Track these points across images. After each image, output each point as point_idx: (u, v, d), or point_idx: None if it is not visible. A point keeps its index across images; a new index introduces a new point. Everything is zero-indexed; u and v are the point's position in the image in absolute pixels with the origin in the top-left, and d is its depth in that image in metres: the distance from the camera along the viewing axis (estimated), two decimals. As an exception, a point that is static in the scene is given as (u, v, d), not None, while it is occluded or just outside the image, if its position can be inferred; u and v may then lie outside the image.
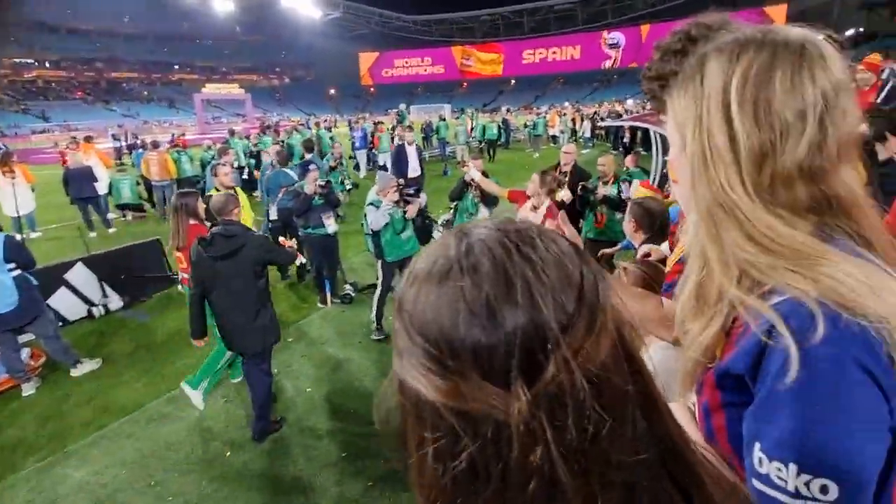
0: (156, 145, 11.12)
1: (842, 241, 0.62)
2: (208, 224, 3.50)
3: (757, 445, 0.58)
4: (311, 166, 6.10)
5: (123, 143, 23.62)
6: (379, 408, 0.45)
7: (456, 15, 63.87)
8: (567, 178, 5.47)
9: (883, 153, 3.16)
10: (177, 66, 77.54)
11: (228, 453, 3.37)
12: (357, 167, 15.56)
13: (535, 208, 4.15)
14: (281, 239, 4.65)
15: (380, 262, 4.83)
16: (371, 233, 4.71)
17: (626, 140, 15.01)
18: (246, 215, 4.90)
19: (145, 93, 69.08)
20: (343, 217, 8.78)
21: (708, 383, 0.69)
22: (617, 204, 4.97)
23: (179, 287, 4.61)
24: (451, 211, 5.47)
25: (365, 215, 4.67)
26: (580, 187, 5.15)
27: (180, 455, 3.38)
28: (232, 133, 14.84)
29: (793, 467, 0.54)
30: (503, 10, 61.21)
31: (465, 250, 0.41)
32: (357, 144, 15.42)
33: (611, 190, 5.10)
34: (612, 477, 0.39)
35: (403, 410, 0.43)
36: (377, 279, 4.88)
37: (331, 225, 5.50)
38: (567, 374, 0.37)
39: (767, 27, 0.66)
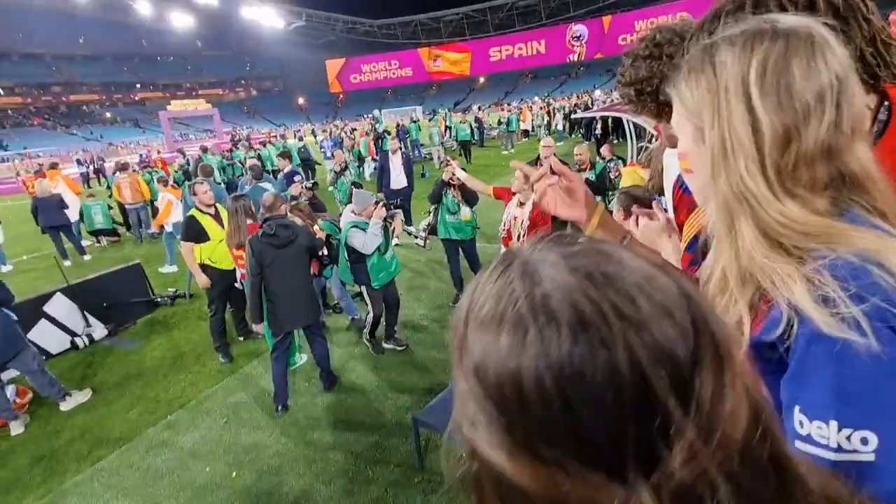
0: (125, 167, 10.86)
1: (855, 214, 0.65)
2: (260, 221, 3.92)
3: (797, 408, 0.61)
4: (297, 177, 6.09)
5: (90, 168, 23.09)
6: (447, 456, 0.39)
7: (420, 16, 63.85)
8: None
9: None
10: (139, 86, 75.75)
11: (234, 474, 3.31)
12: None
13: (521, 203, 4.18)
14: (315, 227, 4.79)
15: (364, 288, 4.48)
16: (350, 259, 4.39)
17: (598, 132, 15.15)
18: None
19: (108, 114, 67.28)
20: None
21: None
22: (597, 188, 5.10)
23: (238, 284, 4.87)
24: (431, 214, 5.44)
25: (343, 242, 4.36)
26: None
27: (185, 480, 3.32)
28: (204, 150, 14.58)
29: (833, 424, 0.56)
30: (467, 10, 61.46)
31: (541, 299, 0.33)
32: (328, 154, 15.23)
33: (589, 174, 5.29)
34: None
35: (479, 481, 0.36)
36: (367, 307, 4.58)
37: (318, 234, 5.43)
38: (697, 468, 0.29)
39: (768, 18, 0.69)
